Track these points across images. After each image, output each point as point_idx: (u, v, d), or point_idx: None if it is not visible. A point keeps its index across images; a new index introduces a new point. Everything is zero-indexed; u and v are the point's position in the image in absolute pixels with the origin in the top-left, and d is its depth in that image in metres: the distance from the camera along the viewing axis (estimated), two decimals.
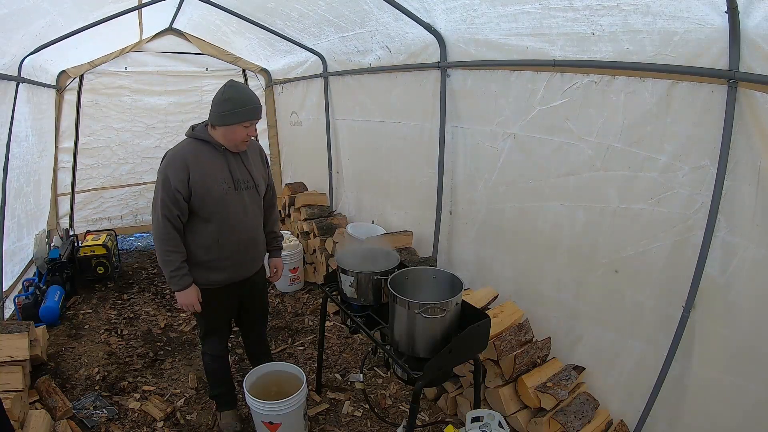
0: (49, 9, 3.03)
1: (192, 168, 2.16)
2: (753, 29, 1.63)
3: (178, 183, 2.13)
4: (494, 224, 3.00)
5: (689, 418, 2.07)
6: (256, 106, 2.19)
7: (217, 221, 2.24)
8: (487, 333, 2.13)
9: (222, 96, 2.15)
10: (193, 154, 2.19)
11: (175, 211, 2.16)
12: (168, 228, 2.18)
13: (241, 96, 2.16)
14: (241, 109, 2.13)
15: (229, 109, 2.13)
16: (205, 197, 2.19)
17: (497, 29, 2.57)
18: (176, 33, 5.18)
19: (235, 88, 2.18)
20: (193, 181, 2.16)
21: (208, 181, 2.19)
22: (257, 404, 2.34)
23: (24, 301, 3.69)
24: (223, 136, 2.21)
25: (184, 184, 2.14)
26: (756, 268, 1.76)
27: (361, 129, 4.31)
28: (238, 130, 2.18)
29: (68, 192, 5.20)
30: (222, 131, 2.20)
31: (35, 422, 2.37)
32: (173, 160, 2.16)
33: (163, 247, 2.20)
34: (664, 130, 2.00)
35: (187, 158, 2.17)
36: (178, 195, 2.14)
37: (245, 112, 2.15)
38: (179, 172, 2.14)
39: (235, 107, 2.13)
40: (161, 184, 2.15)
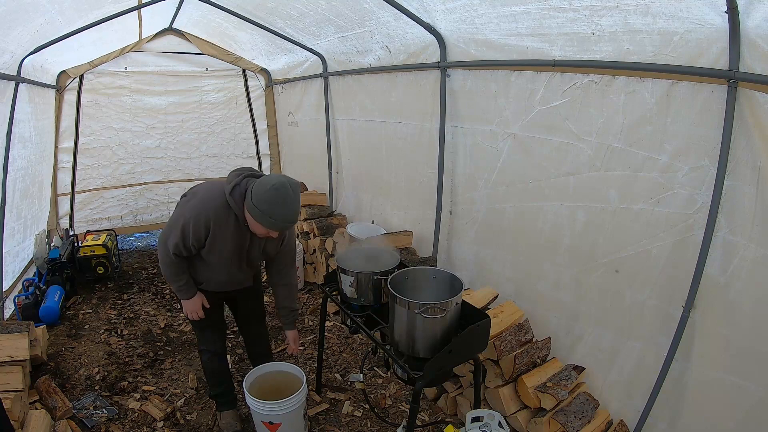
0: (47, 7, 3.03)
1: (213, 232, 2.17)
2: (753, 29, 1.63)
3: (194, 239, 2.17)
4: (494, 224, 3.00)
5: (689, 418, 2.07)
6: (289, 224, 2.13)
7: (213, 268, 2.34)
8: (487, 333, 2.13)
9: (267, 194, 2.01)
10: (219, 222, 2.17)
11: (185, 253, 2.25)
12: (175, 260, 2.27)
13: (283, 210, 2.04)
14: (275, 221, 2.05)
15: (265, 210, 2.02)
16: (211, 256, 2.27)
17: (497, 29, 2.57)
18: (176, 33, 5.18)
19: (285, 197, 2.02)
20: (209, 243, 2.21)
21: (220, 248, 2.24)
22: (257, 404, 2.34)
23: (24, 301, 3.69)
24: (248, 218, 2.14)
25: (201, 241, 2.20)
26: (756, 268, 1.77)
27: (361, 129, 4.31)
28: (259, 228, 2.12)
29: (68, 192, 5.20)
30: (249, 218, 2.12)
31: (35, 422, 2.37)
32: (199, 218, 2.13)
33: (170, 272, 2.31)
34: (664, 130, 2.00)
35: (211, 222, 2.15)
36: (191, 246, 2.20)
37: (276, 225, 2.07)
38: (200, 230, 2.15)
39: (272, 215, 2.03)
40: (180, 230, 2.15)
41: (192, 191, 2.28)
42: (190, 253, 2.25)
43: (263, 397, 2.37)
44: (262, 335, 2.85)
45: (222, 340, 2.70)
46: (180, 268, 2.30)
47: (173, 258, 2.23)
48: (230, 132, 6.00)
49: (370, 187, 4.37)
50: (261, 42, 4.94)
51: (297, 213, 2.12)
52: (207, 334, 2.60)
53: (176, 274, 2.31)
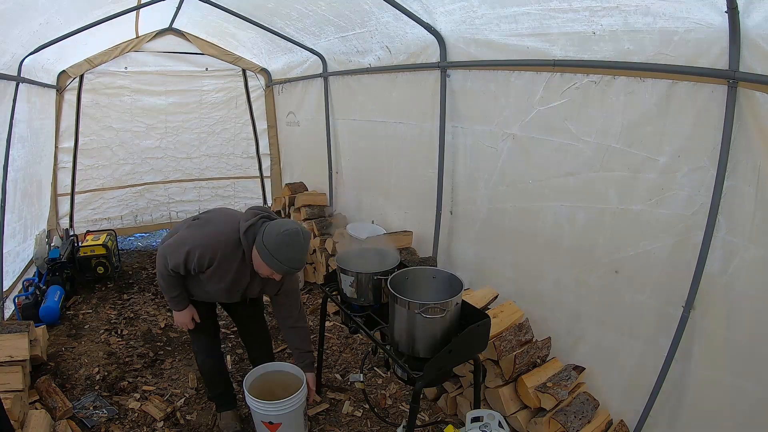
0: (47, 6, 3.03)
1: (217, 264, 2.21)
2: (753, 29, 1.63)
3: (197, 266, 2.20)
4: (494, 224, 3.00)
5: (689, 419, 2.07)
6: (294, 269, 2.17)
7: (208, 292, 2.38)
8: (487, 333, 2.13)
9: (278, 237, 2.08)
10: (226, 256, 2.21)
11: (182, 273, 2.27)
12: (172, 275, 2.30)
13: (290, 254, 2.10)
14: (280, 263, 2.10)
15: (273, 251, 2.09)
16: (209, 282, 2.30)
17: (497, 30, 2.58)
18: (176, 33, 5.18)
19: (294, 242, 2.11)
20: (210, 272, 2.24)
21: (220, 277, 2.27)
22: (257, 404, 2.34)
23: (24, 301, 3.69)
24: (254, 257, 2.19)
25: (202, 269, 2.23)
26: (756, 268, 1.77)
27: (361, 129, 4.31)
28: (264, 268, 2.16)
29: (68, 192, 5.20)
30: (254, 255, 2.17)
31: (35, 422, 2.37)
32: (206, 249, 2.17)
33: (165, 284, 2.35)
34: (663, 131, 2.00)
35: (218, 255, 2.19)
36: (191, 269, 2.23)
37: (281, 267, 2.12)
38: (204, 260, 2.19)
39: (279, 257, 2.09)
40: (185, 254, 2.17)
41: (206, 217, 2.33)
42: (188, 274, 2.28)
43: (263, 397, 2.37)
44: (262, 339, 2.84)
45: (216, 343, 2.73)
46: (175, 282, 2.33)
47: (171, 273, 2.26)
48: (230, 132, 6.00)
49: (370, 187, 4.37)
50: (261, 42, 4.94)
51: (303, 260, 2.18)
52: (201, 337, 2.62)
53: (171, 286, 2.34)
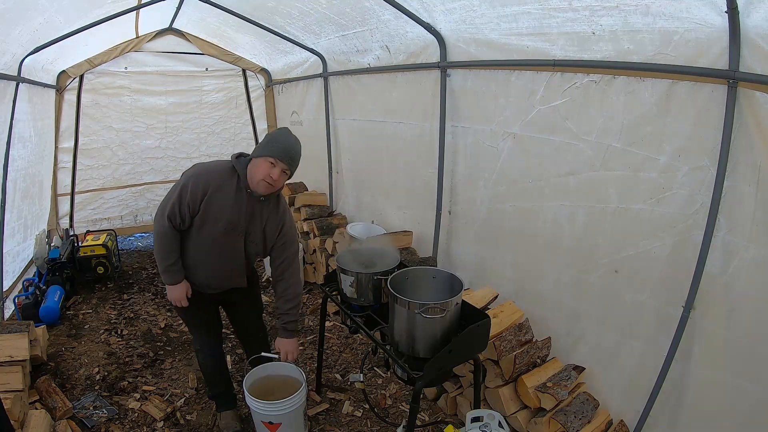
0: (47, 6, 3.02)
1: (210, 195, 2.19)
2: (753, 29, 1.63)
3: (192, 199, 2.18)
4: (494, 224, 3.00)
5: (689, 419, 2.07)
6: (287, 147, 2.20)
7: (204, 249, 2.31)
8: (487, 333, 2.13)
9: (270, 134, 2.29)
10: (218, 183, 2.21)
11: (179, 219, 2.22)
12: (169, 228, 2.24)
13: (282, 138, 2.23)
14: (272, 145, 2.19)
15: (264, 143, 2.23)
16: (204, 225, 2.25)
17: (497, 29, 2.57)
18: (176, 33, 5.18)
19: (282, 131, 2.28)
20: (204, 206, 2.20)
21: (215, 215, 2.23)
22: (257, 404, 2.34)
23: (24, 301, 3.69)
24: (249, 171, 2.23)
25: (197, 203, 2.20)
26: (756, 268, 1.76)
27: (361, 129, 4.31)
28: (262, 165, 2.18)
29: (68, 192, 5.20)
30: (250, 165, 2.23)
31: (35, 422, 2.37)
32: (199, 178, 2.20)
33: (162, 244, 2.27)
34: (663, 130, 2.00)
35: (210, 184, 2.19)
36: (187, 208, 2.20)
37: (275, 149, 2.18)
38: (197, 191, 2.18)
39: (269, 142, 2.21)
40: (179, 190, 2.18)
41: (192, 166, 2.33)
42: (183, 223, 2.23)
43: (263, 397, 2.37)
44: (259, 339, 2.79)
45: (217, 340, 2.69)
46: (172, 243, 2.27)
47: (167, 226, 2.21)
48: (230, 132, 6.00)
49: (370, 187, 4.37)
50: (261, 42, 4.94)
51: (298, 153, 2.25)
52: (201, 334, 2.60)
53: (167, 251, 2.27)
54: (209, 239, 2.27)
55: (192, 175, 2.21)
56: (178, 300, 2.37)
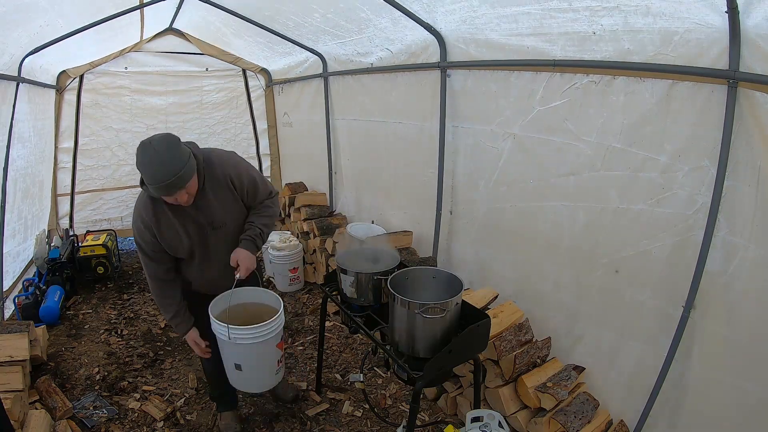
0: (47, 8, 3.02)
1: (156, 227, 2.10)
2: (753, 29, 1.63)
3: (148, 243, 2.13)
4: (494, 224, 3.00)
5: (689, 418, 2.07)
6: (162, 185, 1.86)
7: (195, 264, 2.27)
8: (487, 333, 2.13)
9: (136, 160, 1.88)
10: (151, 215, 2.09)
11: (159, 267, 2.18)
12: (157, 284, 2.22)
13: (147, 172, 1.87)
14: (150, 186, 1.91)
15: (144, 179, 1.93)
16: (167, 246, 2.17)
17: (497, 29, 2.58)
18: (176, 33, 5.18)
19: (141, 162, 1.86)
20: (160, 237, 2.12)
21: (171, 241, 2.15)
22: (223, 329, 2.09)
23: (24, 301, 3.69)
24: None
25: (152, 235, 2.11)
26: (756, 268, 1.76)
27: (361, 129, 4.31)
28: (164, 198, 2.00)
29: (68, 193, 5.20)
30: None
31: (35, 422, 2.37)
32: (136, 224, 2.13)
33: (159, 301, 2.29)
34: (664, 131, 2.00)
35: (145, 220, 2.09)
36: (153, 253, 2.15)
37: (156, 191, 1.91)
38: (143, 234, 2.11)
39: (148, 182, 1.90)
40: (138, 247, 2.17)
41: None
42: (164, 261, 2.19)
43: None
44: None
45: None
46: (166, 292, 2.24)
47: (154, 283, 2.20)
48: (231, 132, 6.00)
49: (370, 187, 4.37)
50: (261, 42, 4.94)
51: (173, 174, 1.85)
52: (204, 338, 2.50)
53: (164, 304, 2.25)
54: (191, 255, 2.22)
55: (133, 223, 2.15)
56: (197, 348, 2.36)
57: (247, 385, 2.37)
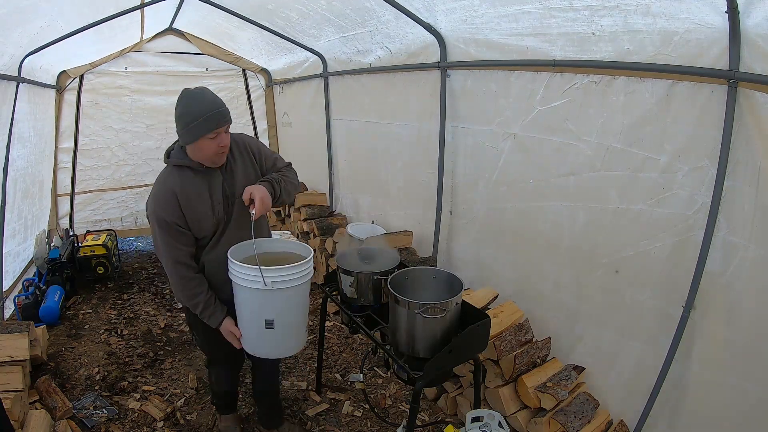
0: (47, 9, 3.03)
1: (181, 199, 1.93)
2: (753, 29, 1.63)
3: (174, 217, 1.92)
4: (494, 224, 3.00)
5: (689, 419, 2.07)
6: (214, 112, 1.86)
7: (212, 247, 2.06)
8: (487, 333, 2.13)
9: (176, 112, 1.88)
10: (178, 184, 1.94)
11: (184, 249, 1.96)
12: (182, 272, 1.98)
13: (197, 104, 1.86)
14: (195, 123, 1.84)
15: (186, 125, 1.86)
16: (196, 228, 1.99)
17: (497, 29, 2.57)
18: (176, 33, 5.18)
19: (189, 97, 1.89)
20: (189, 215, 1.95)
21: (198, 214, 1.97)
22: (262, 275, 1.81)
23: (24, 301, 3.69)
24: (194, 155, 1.95)
25: (180, 216, 1.93)
26: (756, 268, 1.76)
27: (361, 129, 4.31)
28: (205, 144, 1.89)
29: (68, 193, 5.20)
30: (191, 150, 1.94)
31: (35, 422, 2.37)
32: (159, 197, 1.94)
33: (185, 294, 2.02)
34: (664, 131, 2.00)
35: (173, 190, 1.93)
36: (180, 229, 1.93)
37: (202, 124, 1.84)
38: (169, 205, 1.92)
39: (191, 121, 1.85)
40: (158, 227, 1.92)
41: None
42: (189, 246, 1.97)
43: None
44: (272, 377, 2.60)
45: (236, 373, 2.53)
46: (192, 283, 1.99)
47: (178, 270, 1.96)
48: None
49: (370, 187, 4.37)
50: (261, 42, 4.94)
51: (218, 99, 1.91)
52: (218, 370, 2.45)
53: (191, 296, 1.99)
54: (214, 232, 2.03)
55: (154, 205, 1.93)
56: (231, 338, 2.08)
57: (276, 348, 2.07)
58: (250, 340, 2.04)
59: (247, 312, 1.99)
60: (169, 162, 2.00)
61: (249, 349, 2.06)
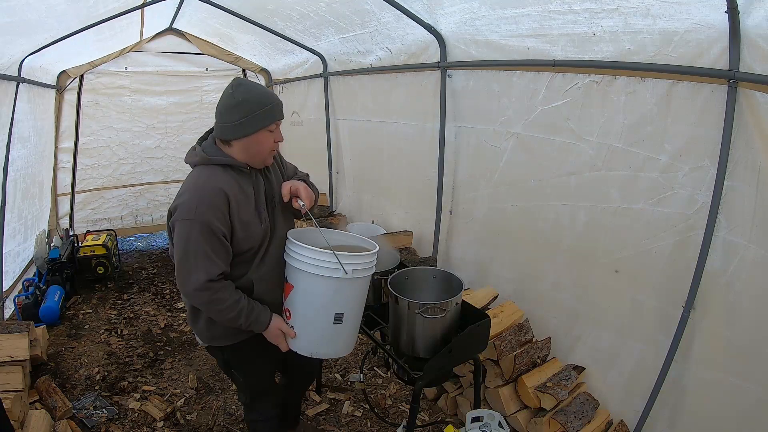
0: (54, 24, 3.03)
1: (232, 201, 1.64)
2: (753, 29, 1.63)
3: (222, 223, 1.60)
4: (495, 224, 3.00)
5: (689, 418, 2.07)
6: (276, 103, 1.70)
7: (248, 261, 1.76)
8: (487, 333, 2.13)
9: (232, 100, 1.63)
10: (227, 185, 1.65)
11: (219, 265, 1.62)
12: (214, 288, 1.62)
13: (258, 94, 1.66)
14: (260, 111, 1.65)
15: (246, 113, 1.63)
16: (243, 237, 1.70)
17: (498, 30, 2.58)
18: (176, 33, 5.18)
19: (246, 86, 1.68)
20: (233, 220, 1.65)
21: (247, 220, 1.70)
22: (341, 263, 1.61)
23: (24, 301, 3.69)
24: (244, 151, 1.69)
25: (227, 225, 1.63)
26: (756, 268, 1.77)
27: (361, 129, 4.31)
28: (264, 137, 1.68)
29: (68, 192, 5.20)
30: (242, 145, 1.68)
31: (35, 422, 2.37)
32: (206, 197, 1.60)
33: (222, 311, 1.66)
34: (664, 130, 2.00)
35: (225, 190, 1.63)
36: (224, 240, 1.62)
37: (268, 113, 1.66)
38: (221, 208, 1.60)
39: (255, 109, 1.64)
40: (200, 234, 1.57)
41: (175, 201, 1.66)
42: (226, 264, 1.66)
43: None
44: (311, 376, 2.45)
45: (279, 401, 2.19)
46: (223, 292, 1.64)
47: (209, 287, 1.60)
48: None
49: (370, 187, 4.37)
50: (261, 42, 4.94)
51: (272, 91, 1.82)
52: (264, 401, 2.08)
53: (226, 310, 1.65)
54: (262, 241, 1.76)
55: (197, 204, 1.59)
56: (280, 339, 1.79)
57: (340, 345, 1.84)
58: (310, 340, 1.78)
59: (316, 306, 1.74)
60: (210, 160, 1.68)
61: (307, 349, 1.79)
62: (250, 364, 1.92)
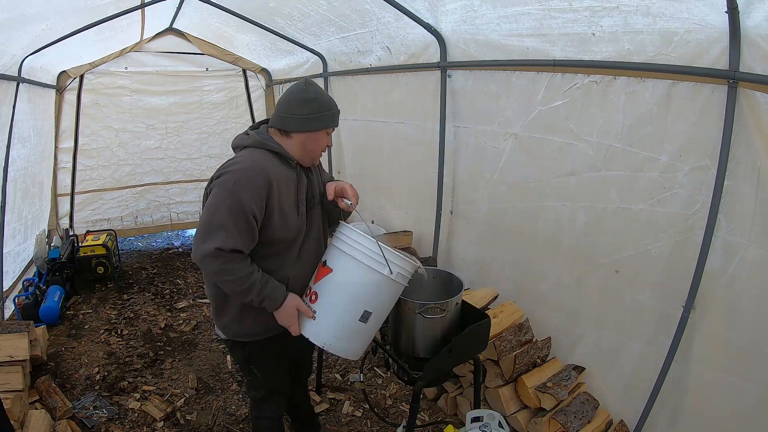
0: (50, 16, 3.02)
1: (274, 185, 1.63)
2: (753, 29, 1.63)
3: (254, 206, 1.59)
4: (495, 224, 3.00)
5: (689, 419, 2.07)
6: (338, 111, 1.79)
7: (282, 254, 1.76)
8: (487, 333, 2.14)
9: (304, 95, 1.69)
10: (273, 170, 1.65)
11: (239, 242, 1.60)
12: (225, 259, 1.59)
13: (327, 97, 1.76)
14: (328, 112, 1.72)
15: (315, 111, 1.68)
16: (281, 225, 1.69)
17: (498, 30, 2.58)
18: (176, 33, 5.18)
19: (317, 87, 1.75)
20: (271, 205, 1.64)
21: (286, 209, 1.69)
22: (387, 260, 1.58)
23: (24, 301, 3.69)
24: (300, 146, 1.73)
25: (261, 208, 1.61)
26: (756, 268, 1.76)
27: (361, 129, 4.31)
28: (322, 137, 1.75)
29: (68, 192, 5.20)
30: (302, 139, 1.71)
31: (35, 422, 2.37)
32: (248, 175, 1.60)
33: (232, 281, 1.63)
34: (664, 130, 2.00)
35: (269, 174, 1.62)
36: (252, 224, 1.60)
37: (333, 116, 1.75)
38: (259, 190, 1.59)
39: (323, 109, 1.71)
40: (227, 208, 1.57)
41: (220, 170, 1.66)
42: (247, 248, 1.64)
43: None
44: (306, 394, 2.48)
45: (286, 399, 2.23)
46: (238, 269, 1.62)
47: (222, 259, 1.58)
48: (231, 132, 5.93)
49: (370, 187, 4.37)
50: (261, 42, 4.94)
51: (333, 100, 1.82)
52: (276, 400, 2.08)
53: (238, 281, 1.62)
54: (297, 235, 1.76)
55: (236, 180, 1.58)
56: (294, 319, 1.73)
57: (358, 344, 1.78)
58: (330, 330, 1.69)
59: (350, 295, 1.68)
60: (264, 144, 1.69)
61: (321, 339, 1.70)
62: (271, 360, 1.93)
